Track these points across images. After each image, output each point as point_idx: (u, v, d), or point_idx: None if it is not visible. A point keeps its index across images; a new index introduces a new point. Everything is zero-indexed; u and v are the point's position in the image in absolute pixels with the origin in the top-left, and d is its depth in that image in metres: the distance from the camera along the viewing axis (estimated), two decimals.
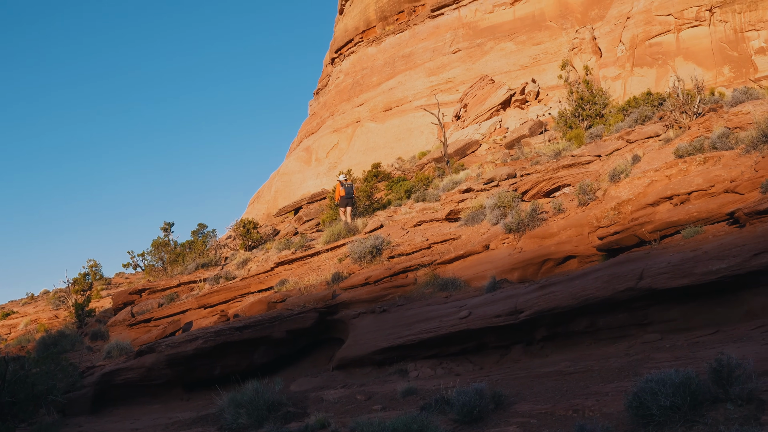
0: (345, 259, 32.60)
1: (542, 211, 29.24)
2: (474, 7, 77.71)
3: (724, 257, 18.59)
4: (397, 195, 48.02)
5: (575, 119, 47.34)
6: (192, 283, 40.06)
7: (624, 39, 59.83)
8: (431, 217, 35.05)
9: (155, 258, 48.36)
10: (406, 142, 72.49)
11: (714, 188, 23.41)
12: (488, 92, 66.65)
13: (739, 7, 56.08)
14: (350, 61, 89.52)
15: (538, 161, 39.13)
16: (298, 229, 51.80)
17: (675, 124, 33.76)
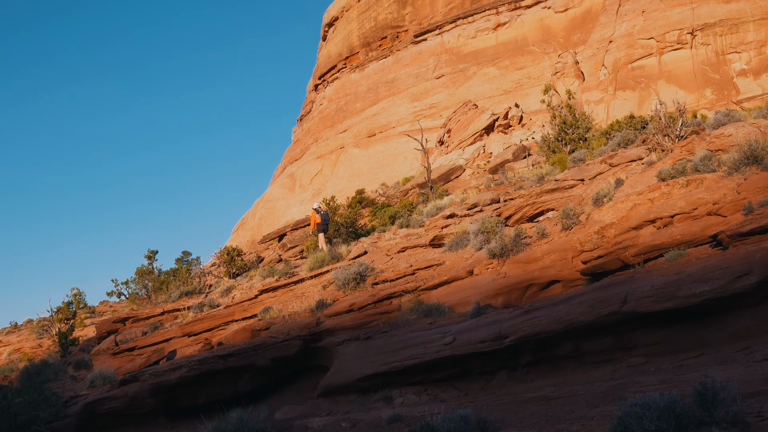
0: (329, 286, 32.48)
1: (526, 236, 29.22)
2: (457, 32, 77.97)
3: (707, 280, 18.58)
4: (381, 221, 47.94)
5: (558, 143, 47.42)
6: (176, 311, 39.81)
7: (606, 63, 60.08)
8: (415, 243, 34.98)
9: (139, 286, 48.04)
10: (390, 167, 72.52)
11: (697, 211, 23.43)
12: (471, 117, 66.76)
13: (720, 30, 56.42)
14: (334, 87, 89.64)
15: (521, 186, 39.16)
16: (283, 256, 51.62)
17: (658, 147, 33.83)
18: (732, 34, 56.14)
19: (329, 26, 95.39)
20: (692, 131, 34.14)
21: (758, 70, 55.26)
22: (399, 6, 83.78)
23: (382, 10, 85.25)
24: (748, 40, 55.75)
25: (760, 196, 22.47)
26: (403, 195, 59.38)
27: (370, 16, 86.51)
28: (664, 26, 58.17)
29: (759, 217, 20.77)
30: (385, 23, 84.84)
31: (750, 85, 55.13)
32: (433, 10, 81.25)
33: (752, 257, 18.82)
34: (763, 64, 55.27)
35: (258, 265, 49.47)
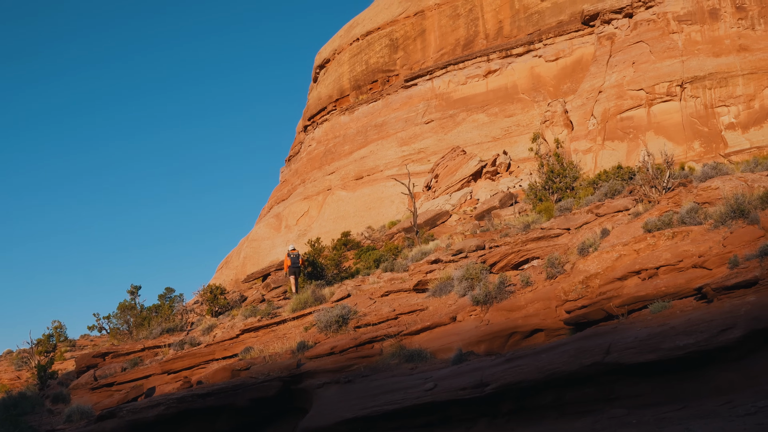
0: (311, 327, 32.27)
1: (510, 284, 29.11)
2: (447, 78, 78.29)
3: (691, 333, 18.50)
4: (366, 264, 47.82)
5: (545, 192, 47.45)
6: (156, 347, 39.56)
7: (596, 113, 60.34)
8: (399, 288, 34.83)
9: (121, 321, 47.73)
10: (377, 211, 72.47)
11: (682, 263, 23.40)
12: (459, 163, 66.88)
13: (709, 83, 56.77)
14: (323, 129, 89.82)
15: (507, 233, 39.11)
16: (266, 296, 51.37)
17: (644, 199, 33.85)
18: (721, 88, 56.52)
19: (320, 68, 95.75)
20: (679, 183, 34.19)
21: (746, 124, 55.58)
22: (390, 50, 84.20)
23: (373, 53, 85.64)
24: (736, 94, 56.12)
25: (745, 250, 22.46)
26: (388, 239, 59.28)
27: (361, 59, 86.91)
28: (654, 78, 58.51)
29: (744, 271, 20.74)
30: (376, 67, 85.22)
31: (738, 139, 55.43)
32: (424, 55, 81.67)
33: (737, 311, 18.77)
34: (751, 118, 55.60)
35: (241, 304, 49.22)
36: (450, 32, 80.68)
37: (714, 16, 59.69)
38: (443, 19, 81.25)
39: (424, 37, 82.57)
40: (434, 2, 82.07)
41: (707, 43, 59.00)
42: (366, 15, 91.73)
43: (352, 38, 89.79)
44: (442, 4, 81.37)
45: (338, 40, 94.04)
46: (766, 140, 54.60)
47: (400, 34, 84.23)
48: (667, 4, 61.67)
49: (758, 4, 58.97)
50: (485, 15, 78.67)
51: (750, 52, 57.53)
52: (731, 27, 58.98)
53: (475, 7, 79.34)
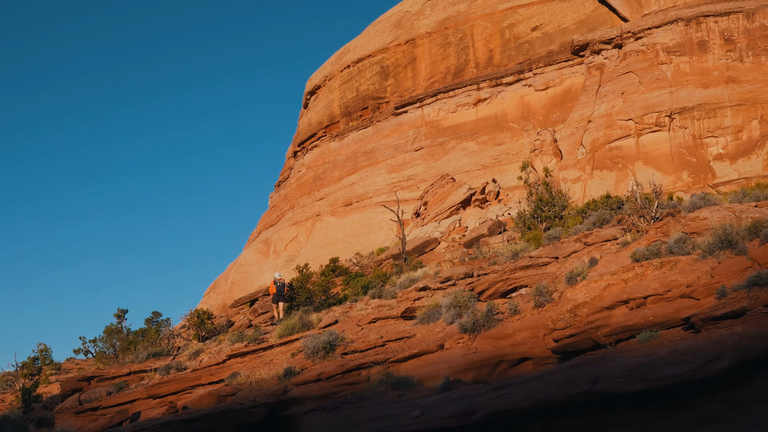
0: (298, 354, 32.17)
1: (498, 312, 29.09)
2: (437, 106, 78.39)
3: (679, 363, 18.49)
4: (354, 290, 47.73)
5: (534, 220, 47.51)
6: (142, 372, 39.40)
7: (585, 142, 60.49)
8: (387, 314, 34.77)
9: (107, 345, 47.56)
10: (366, 237, 72.35)
11: (670, 293, 23.43)
12: (449, 191, 66.91)
13: (698, 114, 57.01)
14: (313, 154, 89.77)
15: (495, 261, 39.11)
16: (253, 321, 51.24)
17: (633, 228, 33.93)
18: (709, 119, 56.79)
19: (311, 94, 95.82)
20: (668, 213, 34.28)
21: (735, 155, 55.82)
22: (381, 78, 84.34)
23: (364, 81, 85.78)
24: (725, 125, 56.39)
25: (733, 281, 22.50)
26: (377, 265, 59.21)
27: (352, 86, 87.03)
28: (643, 108, 58.73)
29: (732, 302, 20.78)
30: (366, 94, 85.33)
31: (726, 170, 55.64)
32: (414, 83, 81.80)
33: (724, 342, 18.78)
34: (739, 149, 55.85)
35: (228, 329, 49.09)
36: (440, 60, 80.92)
37: (703, 48, 60.05)
38: (434, 47, 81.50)
39: (415, 65, 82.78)
40: (425, 31, 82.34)
41: (696, 75, 59.32)
42: (357, 42, 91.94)
43: (342, 65, 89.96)
44: (433, 33, 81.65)
45: (329, 66, 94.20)
46: (754, 171, 54.80)
47: (390, 61, 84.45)
48: (657, 36, 62.03)
49: (746, 37, 59.38)
50: (476, 44, 78.94)
51: (738, 83, 57.85)
52: (720, 59, 59.33)
53: (465, 36, 79.62)
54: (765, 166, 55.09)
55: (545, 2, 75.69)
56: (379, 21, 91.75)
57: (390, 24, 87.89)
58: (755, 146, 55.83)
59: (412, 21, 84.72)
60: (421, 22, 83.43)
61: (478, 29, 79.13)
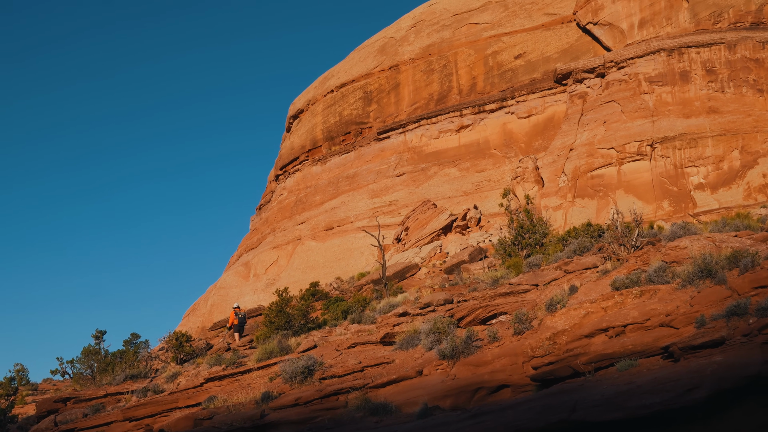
0: (276, 378, 32.00)
1: (477, 339, 29.01)
2: (420, 132, 78.50)
3: (658, 392, 18.46)
4: (334, 315, 47.56)
5: (515, 247, 47.52)
6: (119, 394, 39.15)
7: (566, 170, 60.68)
8: (366, 339, 34.66)
9: (84, 366, 47.27)
10: (346, 262, 72.24)
11: (649, 322, 23.42)
12: (430, 217, 66.94)
13: (679, 143, 57.33)
14: (295, 178, 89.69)
15: (476, 288, 39.04)
16: (232, 344, 50.99)
17: (613, 257, 33.98)
18: (691, 148, 57.09)
19: (294, 118, 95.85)
20: (648, 242, 34.36)
21: (715, 185, 56.11)
22: (364, 103, 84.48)
23: (347, 105, 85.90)
24: (706, 155, 56.70)
25: (712, 310, 22.52)
26: (357, 290, 59.08)
27: (335, 110, 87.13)
28: (625, 137, 59.00)
29: (711, 331, 20.78)
30: (349, 119, 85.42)
31: (707, 199, 55.90)
32: (397, 108, 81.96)
33: (703, 371, 18.75)
34: (720, 179, 56.14)
35: (206, 352, 48.85)
36: (424, 87, 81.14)
37: (685, 78, 60.43)
38: (417, 73, 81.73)
39: (398, 90, 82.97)
40: (409, 57, 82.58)
41: (678, 104, 59.67)
42: (341, 67, 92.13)
43: (326, 90, 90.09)
44: (417, 59, 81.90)
45: (312, 91, 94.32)
46: (734, 201, 55.09)
47: (374, 87, 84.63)
48: (639, 66, 62.41)
49: (728, 68, 59.80)
50: (459, 71, 79.21)
51: (719, 114, 58.24)
52: (701, 89, 59.71)
53: (449, 63, 79.87)
54: (745, 196, 55.39)
55: (529, 31, 76.09)
56: (363, 46, 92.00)
57: (374, 50, 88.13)
58: (736, 176, 56.14)
59: (396, 47, 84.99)
60: (405, 49, 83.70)
61: (461, 56, 79.42)
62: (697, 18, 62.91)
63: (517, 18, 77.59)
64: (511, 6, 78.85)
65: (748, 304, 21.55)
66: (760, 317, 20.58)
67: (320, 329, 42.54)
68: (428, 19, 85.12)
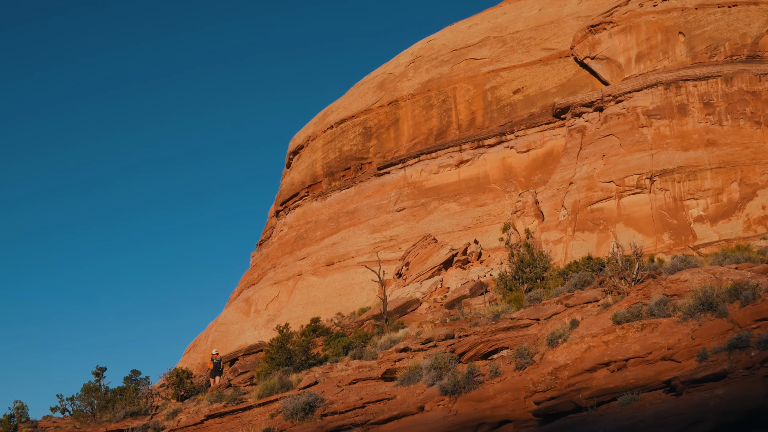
0: (277, 414, 31.92)
1: (479, 374, 28.95)
2: (420, 167, 78.63)
3: (660, 426, 18.42)
4: (335, 351, 47.44)
5: (516, 282, 47.47)
6: (119, 431, 38.94)
7: (566, 204, 60.76)
8: (367, 375, 34.58)
9: (85, 403, 47.07)
10: (347, 297, 72.10)
11: (651, 355, 23.38)
12: (430, 251, 66.95)
13: (678, 176, 57.48)
14: (295, 214, 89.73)
15: (477, 323, 39.00)
16: (233, 381, 50.84)
17: (614, 290, 33.94)
18: (690, 181, 57.21)
19: (294, 154, 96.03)
20: (649, 275, 34.34)
21: (715, 217, 56.17)
22: (364, 138, 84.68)
23: (347, 141, 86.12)
24: (705, 188, 56.81)
25: (714, 343, 22.49)
26: (358, 325, 58.97)
27: (335, 146, 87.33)
28: (624, 171, 59.14)
29: (713, 364, 20.74)
30: (349, 154, 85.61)
31: (707, 232, 55.93)
32: (397, 144, 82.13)
33: (706, 404, 18.71)
34: (719, 211, 56.21)
35: (207, 388, 48.67)
36: (423, 122, 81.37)
37: (682, 112, 60.66)
38: (417, 109, 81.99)
39: (398, 126, 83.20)
40: (408, 93, 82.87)
41: (676, 137, 59.87)
42: (340, 103, 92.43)
43: (326, 125, 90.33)
44: (416, 95, 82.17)
45: (312, 127, 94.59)
46: (734, 233, 55.13)
47: (373, 122, 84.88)
48: (637, 99, 62.65)
49: (725, 101, 60.04)
50: (458, 106, 79.46)
51: (718, 146, 58.41)
52: (699, 122, 59.92)
53: (448, 98, 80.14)
54: (745, 228, 55.43)
55: (527, 66, 76.40)
56: (362, 82, 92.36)
57: (373, 85, 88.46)
58: (735, 208, 56.22)
59: (395, 83, 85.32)
60: (404, 84, 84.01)
61: (460, 91, 79.70)
62: (694, 51, 63.26)
63: (515, 53, 77.92)
64: (509, 41, 79.22)
65: (749, 337, 21.53)
66: (762, 350, 20.56)
67: (321, 365, 42.46)
68: (427, 55, 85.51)
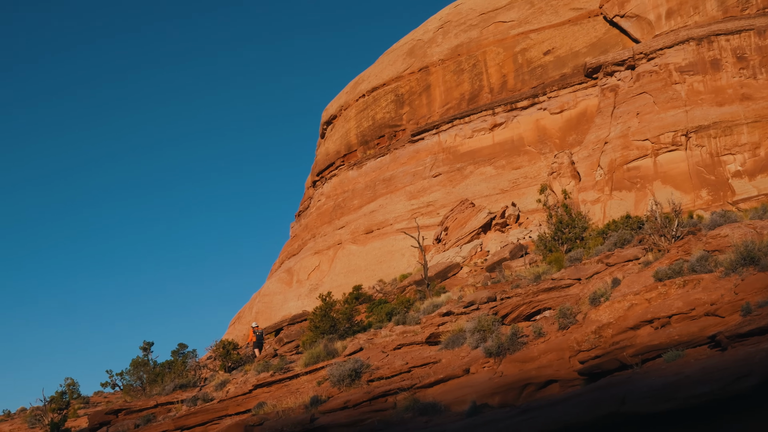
0: (324, 382, 32.20)
1: (522, 335, 29.08)
2: (454, 132, 78.52)
3: (706, 381, 18.48)
4: (378, 317, 47.70)
5: (555, 242, 47.45)
6: (169, 404, 39.45)
7: (602, 163, 60.57)
8: (411, 340, 34.78)
9: (134, 378, 47.71)
10: (388, 264, 72.39)
11: (694, 311, 23.40)
12: (468, 216, 67.00)
13: (714, 132, 57.05)
14: (331, 184, 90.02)
15: (518, 285, 39.08)
16: (278, 350, 51.30)
17: (654, 248, 33.89)
18: (726, 136, 56.79)
19: (327, 124, 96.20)
20: (688, 232, 34.26)
21: (753, 172, 55.76)
22: (396, 106, 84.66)
23: (379, 109, 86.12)
24: (741, 142, 56.37)
25: (758, 297, 22.49)
26: (400, 292, 59.24)
27: (368, 115, 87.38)
28: (659, 128, 58.81)
29: (757, 318, 20.76)
30: (382, 122, 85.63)
31: (745, 187, 55.55)
32: (430, 110, 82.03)
33: (751, 358, 18.76)
34: (757, 165, 55.79)
35: (253, 359, 49.20)
36: (455, 87, 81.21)
37: (716, 67, 60.15)
38: (447, 74, 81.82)
39: (430, 92, 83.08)
40: (438, 58, 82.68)
41: (710, 93, 59.39)
42: (371, 71, 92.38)
43: (358, 94, 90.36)
44: (446, 60, 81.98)
45: (344, 96, 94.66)
46: None
47: (405, 89, 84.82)
48: (669, 56, 62.19)
49: (759, 54, 59.46)
50: (489, 70, 79.22)
51: (753, 100, 57.90)
52: (733, 77, 59.40)
53: (478, 63, 79.90)
54: None
55: (556, 26, 75.96)
56: (392, 50, 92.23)
57: (403, 53, 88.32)
58: None
59: (424, 49, 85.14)
60: (434, 50, 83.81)
61: (490, 55, 79.42)
62: (725, 5, 62.59)
63: (544, 14, 77.45)
64: (536, 3, 78.73)
65: None
66: None
67: (365, 332, 42.75)
68: (455, 20, 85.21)
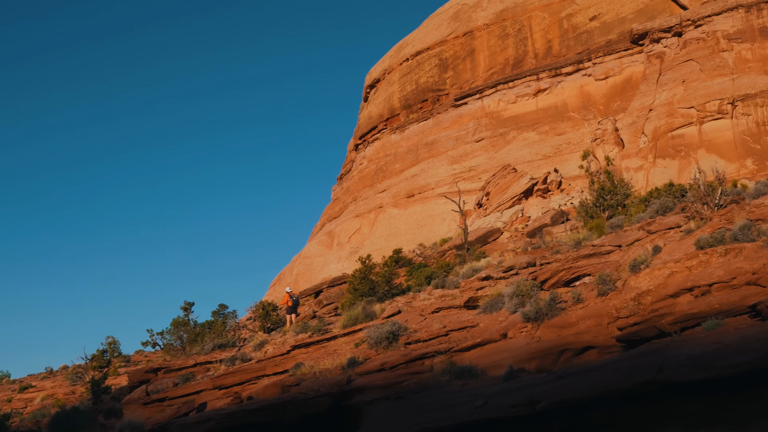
0: (362, 344, 32.28)
1: (561, 301, 28.97)
2: (497, 97, 78.23)
3: (745, 351, 18.30)
4: (417, 281, 47.77)
5: (596, 209, 47.21)
6: (208, 363, 39.73)
7: (646, 131, 60.01)
8: (450, 304, 34.75)
9: (174, 337, 48.15)
10: (428, 228, 72.44)
11: (735, 280, 23.14)
12: (510, 181, 66.80)
13: (761, 100, 56.24)
14: (374, 147, 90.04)
15: (558, 250, 38.92)
16: (317, 312, 51.53)
17: (696, 216, 33.58)
18: None
19: (371, 88, 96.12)
20: (732, 200, 33.91)
21: None
22: (440, 70, 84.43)
23: (423, 73, 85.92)
24: None
25: None
26: (439, 256, 59.25)
27: (411, 79, 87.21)
28: (705, 96, 58.10)
29: None
30: (426, 86, 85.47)
31: None
32: (473, 74, 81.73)
33: None
34: None
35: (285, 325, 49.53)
36: (499, 52, 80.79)
37: (764, 34, 59.21)
38: (492, 39, 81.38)
39: (474, 56, 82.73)
40: (483, 23, 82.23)
41: (758, 61, 58.52)
42: (415, 36, 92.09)
43: (401, 58, 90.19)
44: (491, 25, 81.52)
45: (388, 60, 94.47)
46: None
47: (449, 54, 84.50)
48: (717, 23, 61.30)
49: None
50: (534, 35, 78.71)
51: None
52: None
53: (523, 27, 79.41)
54: None
55: None
56: (436, 14, 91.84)
57: (447, 17, 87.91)
58: None
59: (469, 13, 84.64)
60: (479, 14, 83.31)
61: (536, 20, 78.87)
62: None
63: None
64: None
65: None
66: None
67: (404, 295, 42.83)
68: None
